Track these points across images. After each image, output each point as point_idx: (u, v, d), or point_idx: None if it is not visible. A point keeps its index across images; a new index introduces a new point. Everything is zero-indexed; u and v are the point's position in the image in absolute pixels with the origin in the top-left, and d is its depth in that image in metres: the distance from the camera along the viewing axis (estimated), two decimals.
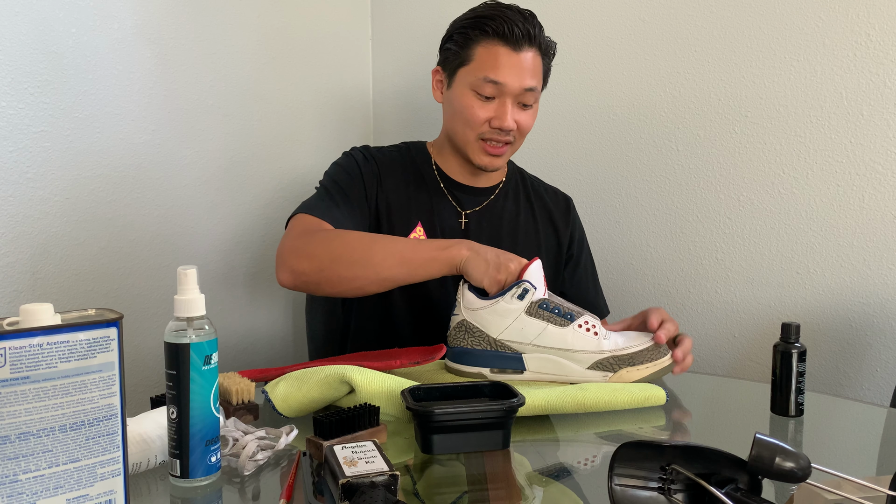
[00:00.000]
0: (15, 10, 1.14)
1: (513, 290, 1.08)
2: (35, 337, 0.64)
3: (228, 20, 1.47)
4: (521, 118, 1.28)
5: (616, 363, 1.08)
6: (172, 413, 0.78)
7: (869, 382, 1.40)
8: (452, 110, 1.31)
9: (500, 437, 0.90)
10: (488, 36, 1.25)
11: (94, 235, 1.26)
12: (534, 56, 1.27)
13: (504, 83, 1.24)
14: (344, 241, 1.15)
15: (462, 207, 1.36)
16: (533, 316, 1.08)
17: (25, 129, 1.16)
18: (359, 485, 0.71)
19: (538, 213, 1.42)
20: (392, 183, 1.33)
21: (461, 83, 1.29)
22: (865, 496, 0.62)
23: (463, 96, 1.28)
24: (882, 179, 1.37)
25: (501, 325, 1.09)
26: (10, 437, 0.63)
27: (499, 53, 1.25)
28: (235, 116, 1.50)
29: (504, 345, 1.09)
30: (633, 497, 0.68)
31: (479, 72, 1.26)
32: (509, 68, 1.24)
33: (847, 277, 1.40)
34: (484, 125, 1.27)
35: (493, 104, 1.26)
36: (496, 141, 1.28)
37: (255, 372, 1.13)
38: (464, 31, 1.28)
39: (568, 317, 1.09)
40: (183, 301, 0.78)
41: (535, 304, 1.08)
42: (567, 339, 1.08)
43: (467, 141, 1.30)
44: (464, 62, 1.28)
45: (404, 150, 1.40)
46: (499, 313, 1.09)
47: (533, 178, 1.47)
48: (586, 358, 1.08)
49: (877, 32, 1.35)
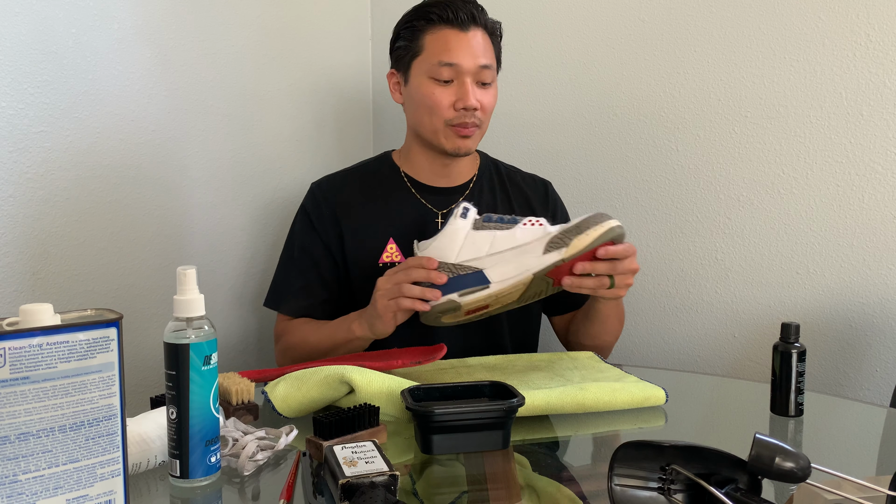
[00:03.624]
0: (15, 10, 1.14)
1: (454, 212, 1.16)
2: (35, 337, 0.64)
3: (229, 20, 1.47)
4: (482, 97, 1.30)
5: (565, 237, 1.10)
6: (172, 413, 0.78)
7: (869, 382, 1.40)
8: (415, 104, 1.33)
9: (500, 437, 0.90)
10: (434, 23, 1.29)
11: (94, 235, 1.26)
12: (482, 35, 1.30)
13: (459, 63, 1.27)
14: (299, 352, 1.30)
15: (437, 209, 1.36)
16: (480, 230, 1.14)
17: (25, 129, 1.16)
18: (358, 485, 0.71)
19: (515, 202, 1.42)
20: (354, 213, 1.35)
21: (417, 75, 1.31)
22: (865, 496, 0.62)
23: (422, 86, 1.30)
24: (882, 179, 1.37)
25: (455, 247, 1.14)
26: (10, 438, 0.63)
27: (448, 37, 1.28)
28: (235, 116, 1.50)
29: (464, 266, 1.13)
30: (633, 497, 0.68)
31: (433, 58, 1.28)
32: (461, 49, 1.27)
33: (847, 277, 1.40)
34: (449, 109, 1.29)
35: (452, 87, 1.28)
36: (464, 123, 1.29)
37: (254, 372, 1.13)
38: (410, 24, 1.32)
39: (511, 221, 1.14)
40: (182, 301, 0.79)
41: (480, 220, 1.15)
42: (517, 237, 1.12)
43: (435, 129, 1.31)
44: (416, 54, 1.31)
45: (365, 169, 1.41)
46: (449, 236, 1.14)
47: (509, 167, 1.47)
48: (538, 246, 1.11)
49: (877, 32, 1.35)
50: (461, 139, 1.31)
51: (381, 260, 1.33)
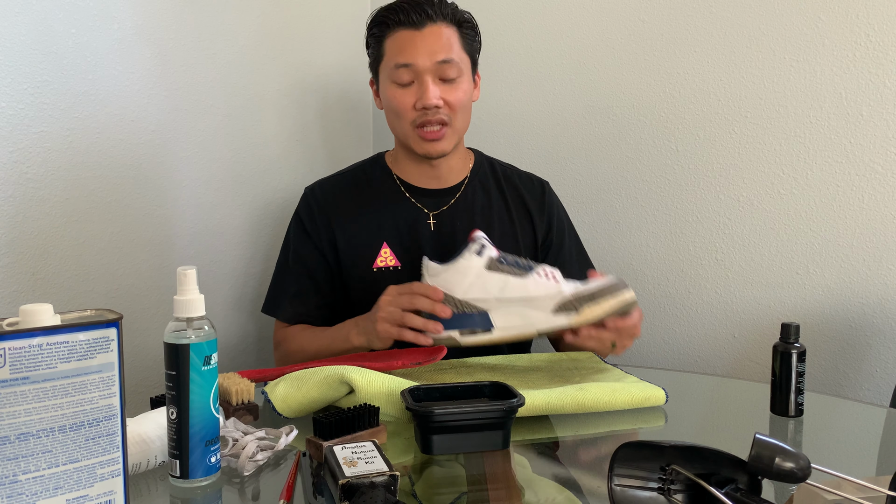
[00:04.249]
0: (15, 11, 1.14)
1: (469, 247, 1.13)
2: (35, 337, 0.64)
3: (229, 20, 1.47)
4: (447, 94, 1.28)
5: (577, 302, 1.09)
6: (172, 413, 0.78)
7: (869, 382, 1.40)
8: (386, 108, 1.34)
9: (500, 437, 0.90)
10: (390, 27, 1.30)
11: (94, 235, 1.26)
12: (445, 29, 1.28)
13: (413, 63, 1.27)
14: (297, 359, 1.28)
15: (429, 210, 1.36)
16: (493, 270, 1.12)
17: (25, 129, 1.16)
18: (358, 485, 0.71)
19: (512, 202, 1.40)
20: (346, 217, 1.35)
21: (383, 79, 1.32)
22: (865, 496, 0.62)
23: (387, 90, 1.31)
24: (882, 179, 1.37)
25: (464, 284, 1.12)
26: (10, 438, 0.63)
27: (404, 38, 1.28)
28: (235, 116, 1.50)
29: (470, 305, 1.11)
30: (632, 497, 0.68)
31: (391, 61, 1.29)
32: (414, 48, 1.27)
33: (847, 277, 1.40)
34: (411, 111, 1.29)
35: (413, 88, 1.28)
36: (429, 124, 1.28)
37: (254, 372, 1.13)
38: (371, 32, 1.33)
39: (526, 268, 1.12)
40: (183, 301, 0.79)
41: (494, 260, 1.13)
42: (528, 287, 1.10)
43: (405, 133, 1.31)
44: (380, 59, 1.32)
45: (359, 172, 1.41)
46: (460, 272, 1.12)
47: (506, 166, 1.46)
48: (549, 303, 1.10)
49: (876, 32, 1.35)
50: (428, 143, 1.30)
51: (376, 265, 1.32)
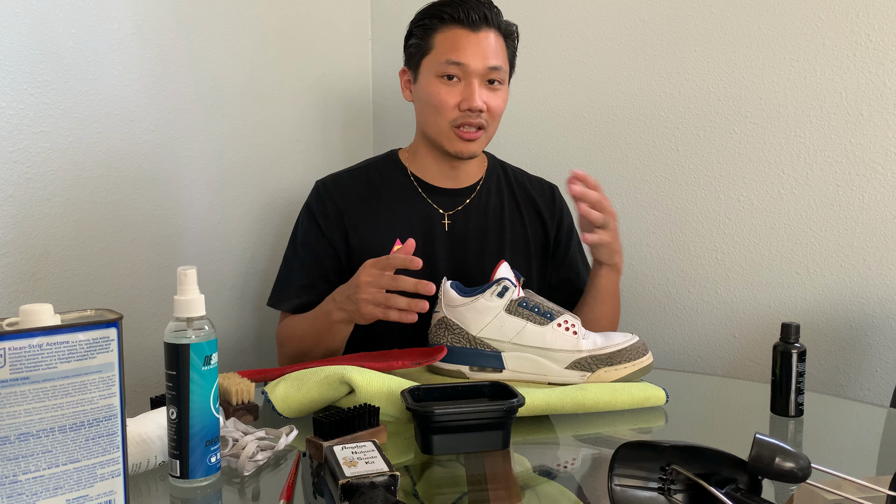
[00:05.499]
0: (15, 10, 1.14)
1: (492, 288, 1.11)
2: (35, 337, 0.64)
3: (228, 20, 1.47)
4: (490, 100, 1.29)
5: (594, 363, 1.08)
6: (172, 413, 0.78)
7: (869, 382, 1.40)
8: (422, 102, 1.33)
9: (500, 437, 0.90)
10: (445, 22, 1.29)
11: (94, 235, 1.26)
12: (494, 37, 1.29)
13: (466, 63, 1.27)
14: (291, 347, 1.29)
15: (444, 210, 1.36)
16: (513, 314, 1.10)
17: (25, 129, 1.16)
18: (359, 485, 0.71)
19: (523, 206, 1.41)
20: (359, 213, 1.34)
21: (426, 73, 1.31)
22: (865, 496, 0.62)
23: (429, 84, 1.30)
24: (882, 179, 1.37)
25: (481, 323, 1.10)
26: (10, 438, 0.63)
27: (458, 36, 1.28)
28: (235, 116, 1.50)
29: (483, 342, 1.10)
30: (633, 497, 0.68)
31: (442, 56, 1.28)
32: (470, 48, 1.27)
33: (847, 277, 1.40)
34: (454, 110, 1.28)
35: (459, 87, 1.28)
36: (469, 125, 1.29)
37: (254, 372, 1.13)
38: (422, 22, 1.32)
39: (548, 315, 1.10)
40: (183, 301, 0.78)
41: (515, 303, 1.10)
42: (546, 338, 1.09)
43: (440, 130, 1.30)
44: (426, 52, 1.31)
45: (372, 169, 1.40)
46: (479, 311, 1.10)
47: (516, 169, 1.47)
48: (565, 357, 1.08)
49: (876, 32, 1.35)
50: (464, 142, 1.30)
51: None
